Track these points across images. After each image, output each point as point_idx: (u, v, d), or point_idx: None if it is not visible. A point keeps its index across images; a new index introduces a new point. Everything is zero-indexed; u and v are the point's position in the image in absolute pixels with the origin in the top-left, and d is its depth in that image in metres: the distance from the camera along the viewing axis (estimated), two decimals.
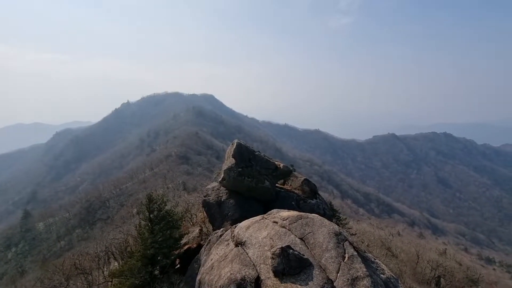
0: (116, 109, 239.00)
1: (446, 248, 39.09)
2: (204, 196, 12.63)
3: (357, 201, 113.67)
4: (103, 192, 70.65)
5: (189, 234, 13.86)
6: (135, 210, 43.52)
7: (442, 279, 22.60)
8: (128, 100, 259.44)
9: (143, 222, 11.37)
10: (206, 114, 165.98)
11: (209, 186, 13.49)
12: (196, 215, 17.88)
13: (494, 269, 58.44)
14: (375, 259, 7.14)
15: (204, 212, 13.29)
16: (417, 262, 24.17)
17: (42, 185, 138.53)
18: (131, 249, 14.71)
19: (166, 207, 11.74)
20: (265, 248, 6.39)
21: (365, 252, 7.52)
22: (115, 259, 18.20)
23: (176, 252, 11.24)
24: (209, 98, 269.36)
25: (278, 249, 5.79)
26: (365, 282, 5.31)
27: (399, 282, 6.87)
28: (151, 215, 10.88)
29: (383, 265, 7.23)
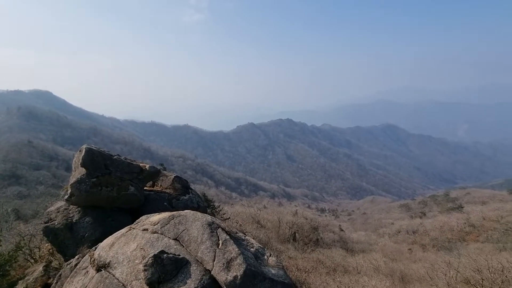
0: None
1: (297, 209, 49.58)
2: (45, 223, 9.74)
3: (229, 187, 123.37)
4: None
5: (28, 277, 10.51)
6: None
7: (296, 234, 28.83)
8: None
9: None
10: (42, 116, 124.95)
11: (51, 208, 10.50)
12: (39, 248, 13.78)
13: (326, 215, 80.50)
14: (245, 237, 7.98)
15: (49, 243, 10.36)
16: (279, 226, 29.48)
17: None
18: None
19: None
20: (136, 261, 5.78)
21: (236, 233, 8.20)
22: None
23: None
24: (45, 95, 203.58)
25: (150, 258, 5.38)
26: (238, 260, 5.85)
27: (265, 250, 7.97)
28: None
29: (252, 240, 8.16)
